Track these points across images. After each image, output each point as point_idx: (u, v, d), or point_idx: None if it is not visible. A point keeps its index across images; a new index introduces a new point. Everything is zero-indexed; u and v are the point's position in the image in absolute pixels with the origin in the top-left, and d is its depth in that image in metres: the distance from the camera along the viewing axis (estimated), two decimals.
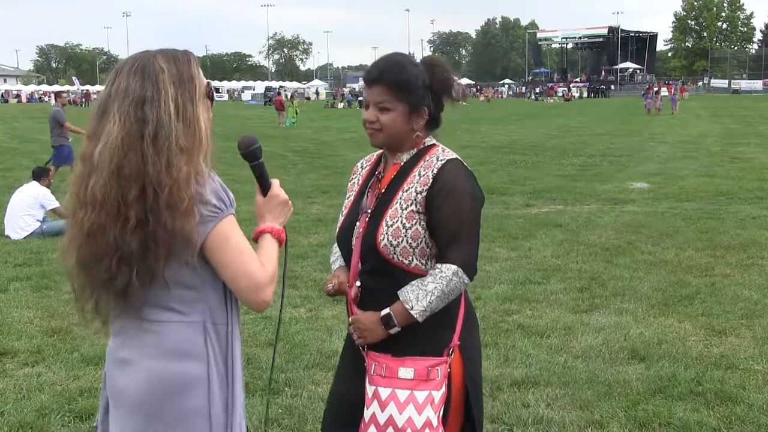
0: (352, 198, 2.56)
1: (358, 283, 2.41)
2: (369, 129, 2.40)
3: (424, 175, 2.35)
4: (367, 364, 2.39)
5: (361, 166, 2.63)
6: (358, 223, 2.44)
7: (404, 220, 2.32)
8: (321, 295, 6.43)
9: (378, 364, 2.35)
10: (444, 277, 2.29)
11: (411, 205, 2.33)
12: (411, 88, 2.34)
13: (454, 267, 2.30)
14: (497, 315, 5.86)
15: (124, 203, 1.82)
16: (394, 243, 2.31)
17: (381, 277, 2.35)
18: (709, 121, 33.33)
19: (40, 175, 10.04)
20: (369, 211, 2.41)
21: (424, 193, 2.32)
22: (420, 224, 2.32)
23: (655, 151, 19.87)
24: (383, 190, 2.42)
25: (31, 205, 9.54)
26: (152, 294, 1.94)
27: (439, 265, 2.32)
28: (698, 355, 4.97)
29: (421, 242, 2.32)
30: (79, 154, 1.93)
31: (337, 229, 2.55)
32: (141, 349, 1.98)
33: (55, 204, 9.82)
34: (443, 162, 2.36)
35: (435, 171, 2.34)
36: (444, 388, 2.35)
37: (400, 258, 2.32)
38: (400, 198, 2.35)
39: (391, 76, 2.34)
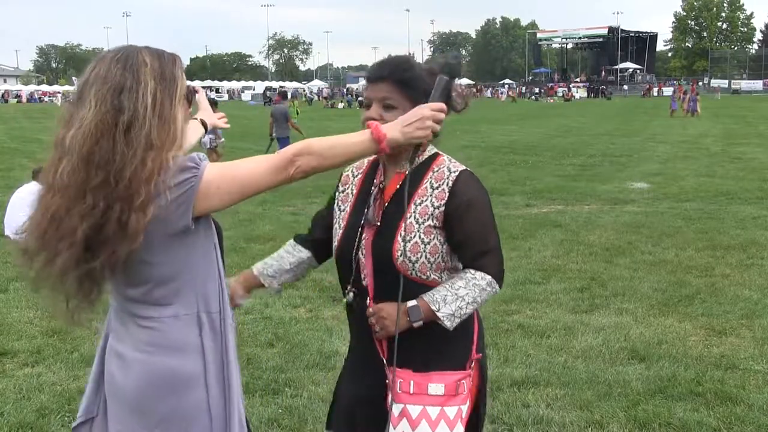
0: (348, 210, 2.40)
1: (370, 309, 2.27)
2: None
3: (438, 188, 2.25)
4: (392, 380, 2.26)
5: (352, 174, 2.48)
6: (364, 237, 2.30)
7: (422, 235, 2.22)
8: (321, 295, 6.44)
9: (405, 381, 2.25)
10: (478, 285, 2.22)
11: (428, 219, 2.23)
12: (419, 89, 2.25)
13: (489, 277, 2.23)
14: (497, 315, 5.86)
15: (86, 189, 1.79)
16: (413, 259, 2.22)
17: (395, 292, 2.22)
18: (709, 121, 33.32)
19: (40, 175, 10.03)
20: (378, 224, 2.28)
21: (442, 208, 2.23)
22: (438, 239, 2.24)
23: (655, 151, 19.87)
24: (388, 202, 2.30)
25: (31, 205, 9.54)
26: (134, 287, 1.92)
27: (472, 272, 2.23)
28: (698, 355, 4.97)
29: (438, 257, 2.25)
30: (53, 140, 1.89)
31: (336, 244, 2.39)
32: (135, 346, 1.97)
33: None
34: (457, 174, 2.27)
35: (450, 184, 2.25)
36: (469, 402, 2.30)
37: (419, 273, 2.23)
38: (414, 212, 2.24)
39: (400, 73, 2.27)
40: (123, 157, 1.79)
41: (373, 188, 2.37)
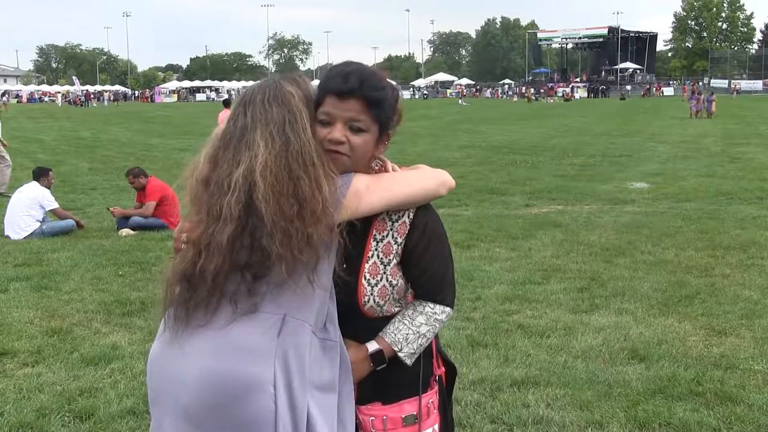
0: None
1: None
2: (334, 153, 1.97)
3: (398, 221, 2.08)
4: (362, 421, 2.13)
5: None
6: None
7: (389, 278, 2.08)
8: None
9: (377, 418, 2.13)
10: (439, 320, 2.14)
11: (393, 258, 2.08)
12: (386, 108, 2.01)
13: (448, 309, 2.16)
14: (497, 315, 5.86)
15: (283, 219, 1.88)
16: (381, 303, 2.09)
17: (358, 331, 2.12)
18: (709, 121, 33.32)
19: (40, 175, 10.04)
20: (344, 266, 2.05)
21: (404, 243, 2.08)
22: (402, 277, 2.11)
23: (655, 151, 19.89)
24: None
25: (30, 206, 9.55)
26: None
27: (431, 306, 2.13)
28: (698, 355, 4.97)
29: (402, 292, 2.13)
30: (201, 178, 1.97)
31: None
32: (196, 345, 1.92)
33: (55, 205, 9.83)
34: None
35: (411, 216, 2.08)
36: (438, 415, 2.25)
37: (385, 313, 2.12)
38: (377, 249, 2.07)
39: (371, 90, 1.97)
40: (303, 181, 1.90)
41: None
